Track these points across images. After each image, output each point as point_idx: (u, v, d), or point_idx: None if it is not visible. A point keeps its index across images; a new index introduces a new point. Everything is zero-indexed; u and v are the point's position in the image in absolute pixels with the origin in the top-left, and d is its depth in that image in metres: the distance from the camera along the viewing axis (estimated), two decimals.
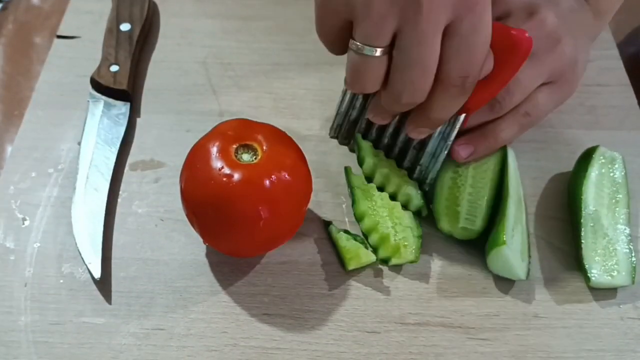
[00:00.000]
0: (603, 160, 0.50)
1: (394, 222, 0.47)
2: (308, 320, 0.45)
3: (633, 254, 0.47)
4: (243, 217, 0.41)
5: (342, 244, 0.47)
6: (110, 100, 0.55)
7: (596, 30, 0.53)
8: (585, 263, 0.46)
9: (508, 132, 0.49)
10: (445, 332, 0.45)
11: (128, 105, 0.55)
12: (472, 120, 0.47)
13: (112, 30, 0.58)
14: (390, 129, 0.50)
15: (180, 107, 0.56)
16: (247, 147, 0.43)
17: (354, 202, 0.49)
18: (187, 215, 0.44)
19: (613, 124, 0.56)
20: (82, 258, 0.46)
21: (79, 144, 0.52)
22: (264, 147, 0.42)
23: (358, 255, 0.46)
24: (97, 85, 0.55)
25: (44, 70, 0.58)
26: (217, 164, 0.41)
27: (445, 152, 0.48)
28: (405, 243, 0.46)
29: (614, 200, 0.49)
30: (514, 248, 0.45)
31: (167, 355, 0.43)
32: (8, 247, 0.47)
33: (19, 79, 0.59)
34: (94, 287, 0.46)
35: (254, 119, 0.45)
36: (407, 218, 0.48)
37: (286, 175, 0.42)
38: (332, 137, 0.53)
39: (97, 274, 0.45)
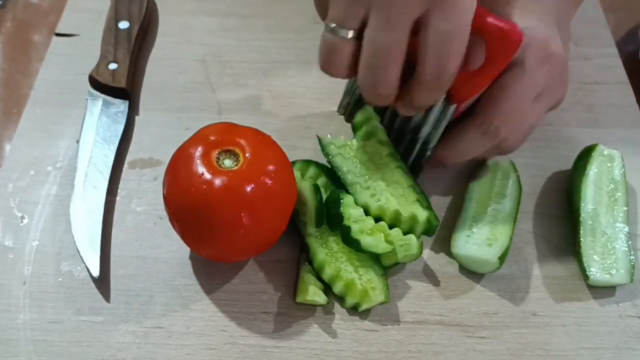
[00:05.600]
0: (602, 158, 0.50)
1: (355, 266, 0.45)
2: (307, 318, 0.45)
3: (632, 252, 0.47)
4: (224, 223, 0.41)
5: (301, 273, 0.45)
6: (109, 98, 0.54)
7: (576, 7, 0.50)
8: (584, 261, 0.46)
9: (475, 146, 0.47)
10: (444, 330, 0.45)
11: (127, 103, 0.55)
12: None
13: (111, 28, 0.58)
14: (389, 112, 0.49)
15: (179, 105, 0.56)
16: (229, 153, 0.42)
17: (311, 253, 0.46)
18: (170, 220, 0.44)
19: (612, 122, 0.56)
20: (80, 256, 0.46)
21: (78, 142, 0.52)
22: (247, 153, 0.42)
23: (306, 291, 0.44)
24: (96, 83, 0.55)
25: (43, 68, 0.58)
26: (198, 170, 0.41)
27: (436, 141, 0.47)
28: (372, 285, 0.44)
29: (612, 199, 0.49)
30: (470, 244, 0.46)
31: (166, 354, 0.43)
32: (7, 245, 0.47)
33: (18, 77, 0.59)
34: (92, 285, 0.46)
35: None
36: (366, 259, 0.45)
37: (268, 182, 0.41)
38: (339, 114, 0.53)
39: (95, 272, 0.45)
